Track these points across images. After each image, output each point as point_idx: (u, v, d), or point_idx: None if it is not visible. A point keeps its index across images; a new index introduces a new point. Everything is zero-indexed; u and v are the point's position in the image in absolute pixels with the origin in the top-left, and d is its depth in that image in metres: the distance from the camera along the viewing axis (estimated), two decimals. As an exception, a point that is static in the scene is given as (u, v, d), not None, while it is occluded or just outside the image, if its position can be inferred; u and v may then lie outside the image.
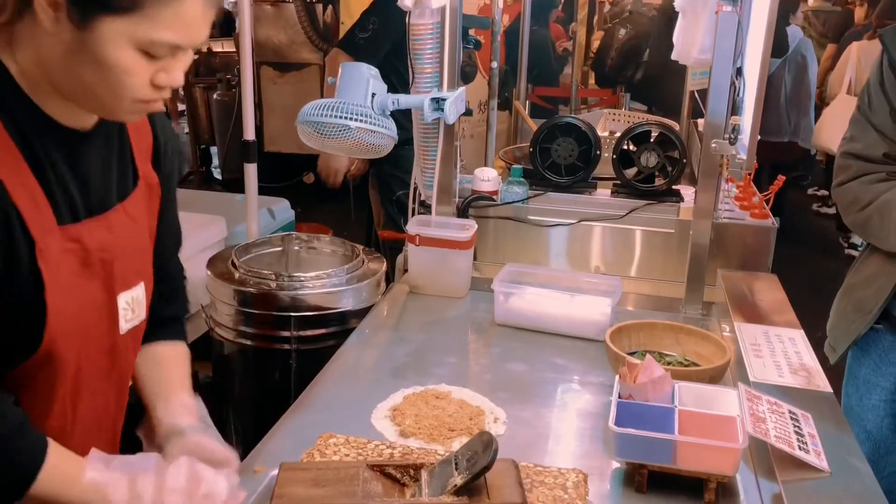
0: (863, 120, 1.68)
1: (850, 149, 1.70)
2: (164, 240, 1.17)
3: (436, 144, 1.96)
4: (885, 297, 1.66)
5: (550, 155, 2.09)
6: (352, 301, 1.98)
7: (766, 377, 1.41)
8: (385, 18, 2.76)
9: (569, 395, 1.47)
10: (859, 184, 1.66)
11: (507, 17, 3.95)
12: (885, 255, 1.67)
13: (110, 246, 1.02)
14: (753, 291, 1.82)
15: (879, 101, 1.63)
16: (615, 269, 2.03)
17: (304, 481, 0.99)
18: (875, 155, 1.65)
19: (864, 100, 1.68)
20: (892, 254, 1.64)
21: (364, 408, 1.36)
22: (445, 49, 1.89)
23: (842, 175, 1.71)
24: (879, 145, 1.64)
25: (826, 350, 1.81)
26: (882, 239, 1.65)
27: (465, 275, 1.92)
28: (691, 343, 1.56)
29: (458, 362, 1.60)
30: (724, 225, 1.95)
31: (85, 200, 1.00)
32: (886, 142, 1.63)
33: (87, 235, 0.99)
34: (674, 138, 2.01)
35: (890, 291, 1.65)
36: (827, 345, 1.83)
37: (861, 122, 1.68)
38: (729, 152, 1.75)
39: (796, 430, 1.19)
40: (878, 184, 1.64)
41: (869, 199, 1.64)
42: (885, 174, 1.64)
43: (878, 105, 1.64)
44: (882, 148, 1.64)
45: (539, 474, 1.12)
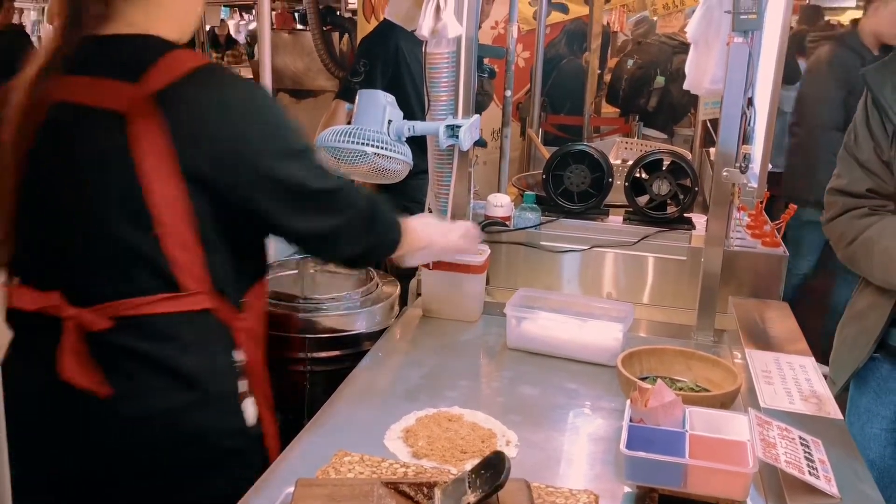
0: (849, 157, 1.72)
1: (837, 185, 1.75)
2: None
3: (450, 171, 1.99)
4: (881, 328, 1.68)
5: (563, 182, 2.12)
6: (365, 324, 2.00)
7: (777, 404, 1.41)
8: (373, 59, 2.83)
9: (580, 419, 1.48)
10: (846, 219, 1.71)
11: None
12: (878, 286, 1.69)
13: None
14: (764, 319, 1.83)
15: (864, 139, 1.69)
16: (627, 296, 2.04)
17: (320, 497, 1.01)
18: (859, 190, 1.69)
19: (850, 137, 1.73)
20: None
21: (377, 429, 1.38)
22: (461, 77, 1.93)
23: (830, 211, 1.76)
24: (864, 181, 1.69)
25: (827, 384, 1.82)
26: (868, 274, 1.69)
27: (478, 299, 1.94)
28: (702, 369, 1.57)
29: (471, 385, 1.61)
30: (736, 253, 1.96)
31: None
32: (871, 177, 1.68)
33: None
34: (686, 167, 2.04)
35: (885, 321, 1.67)
36: (828, 379, 1.83)
37: (847, 159, 1.73)
38: (740, 181, 1.77)
39: (806, 456, 1.20)
40: (863, 219, 1.68)
41: (854, 236, 1.68)
42: (868, 209, 1.68)
43: (863, 142, 1.69)
44: (866, 183, 1.68)
45: (550, 494, 1.14)
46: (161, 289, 1.21)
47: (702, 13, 2.14)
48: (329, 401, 1.48)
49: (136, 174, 1.16)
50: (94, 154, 1.19)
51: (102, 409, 1.21)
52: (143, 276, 1.20)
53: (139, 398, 1.22)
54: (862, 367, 1.74)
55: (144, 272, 1.20)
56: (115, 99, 1.17)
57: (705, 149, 3.30)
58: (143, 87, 1.16)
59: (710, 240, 1.82)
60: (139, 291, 1.20)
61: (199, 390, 1.24)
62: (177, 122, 1.16)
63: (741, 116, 1.73)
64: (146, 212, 1.18)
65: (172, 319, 1.22)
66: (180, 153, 1.17)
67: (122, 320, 1.20)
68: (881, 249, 1.63)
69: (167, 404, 1.23)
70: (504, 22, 4.12)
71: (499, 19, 4.29)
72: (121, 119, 1.16)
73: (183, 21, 1.31)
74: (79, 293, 1.21)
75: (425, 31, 1.85)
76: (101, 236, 1.20)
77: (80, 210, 1.21)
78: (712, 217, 1.81)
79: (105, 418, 1.22)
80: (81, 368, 1.19)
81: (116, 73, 1.19)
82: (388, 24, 2.89)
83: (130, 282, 1.20)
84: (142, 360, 1.21)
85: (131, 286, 1.20)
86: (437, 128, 1.88)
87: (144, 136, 1.16)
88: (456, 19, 1.84)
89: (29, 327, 1.26)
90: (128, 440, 1.23)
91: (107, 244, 1.20)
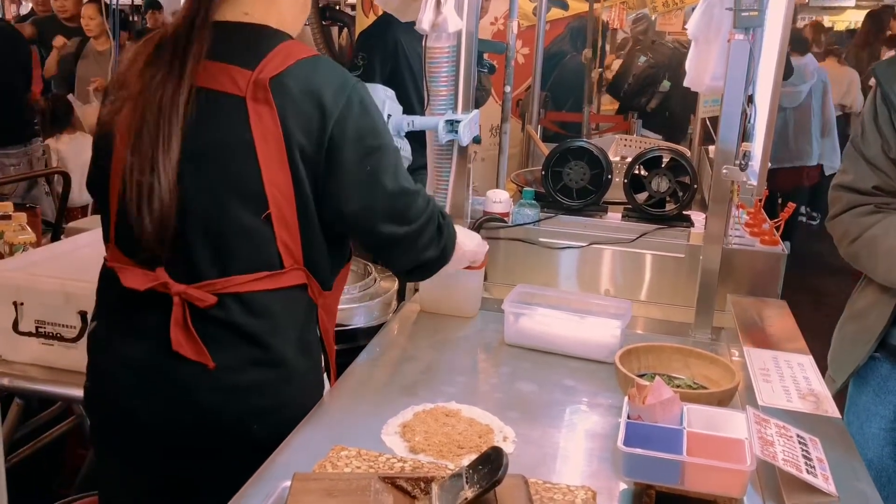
0: (855, 153, 1.70)
1: (842, 181, 1.73)
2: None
3: (449, 166, 1.98)
4: (883, 326, 1.68)
5: (562, 178, 2.11)
6: (363, 319, 2.00)
7: (775, 402, 1.41)
8: (371, 53, 2.82)
9: (577, 415, 1.48)
10: (850, 217, 1.69)
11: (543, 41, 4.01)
12: (880, 284, 1.68)
13: None
14: (763, 317, 1.83)
15: (872, 134, 1.66)
16: (625, 293, 2.04)
17: (317, 492, 1.01)
18: (865, 187, 1.67)
19: (857, 132, 1.71)
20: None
21: (374, 424, 1.37)
22: (461, 72, 1.92)
23: (834, 208, 1.75)
24: (870, 178, 1.67)
25: (826, 381, 1.81)
26: (871, 272, 1.68)
27: (476, 295, 1.94)
28: (700, 366, 1.57)
29: (468, 381, 1.61)
30: (734, 251, 1.96)
31: None
32: (877, 174, 1.66)
33: None
34: (685, 164, 2.03)
35: (887, 320, 1.67)
36: (827, 376, 1.83)
37: (853, 154, 1.71)
38: (739, 178, 1.77)
39: (804, 454, 1.20)
40: (867, 217, 1.66)
41: (858, 233, 1.67)
42: (873, 206, 1.67)
43: (870, 138, 1.67)
44: (872, 180, 1.66)
45: (548, 490, 1.13)
46: (264, 267, 1.29)
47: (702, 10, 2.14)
48: (326, 395, 1.47)
49: (256, 156, 1.24)
50: (218, 137, 1.26)
51: (206, 379, 1.28)
52: (251, 255, 1.29)
53: (238, 371, 1.30)
54: (862, 365, 1.74)
55: (252, 250, 1.28)
56: (236, 84, 1.25)
57: (704, 146, 3.29)
58: (259, 74, 1.24)
59: (709, 237, 1.82)
60: (244, 269, 1.28)
61: (290, 365, 1.34)
62: (286, 108, 1.24)
63: (741, 114, 1.73)
64: (262, 193, 1.25)
65: (271, 296, 1.31)
66: (287, 136, 1.24)
67: (226, 297, 1.28)
68: (886, 248, 1.62)
69: (262, 377, 1.32)
70: (504, 18, 4.11)
71: (499, 15, 4.29)
72: (241, 103, 1.24)
73: (291, 12, 1.38)
74: (185, 271, 1.28)
75: (426, 24, 1.84)
76: (217, 217, 1.27)
77: (199, 191, 1.26)
78: (711, 215, 1.81)
79: (208, 388, 1.29)
80: (190, 342, 1.27)
81: (236, 59, 1.27)
82: (387, 18, 2.88)
83: (238, 260, 1.28)
84: (242, 335, 1.30)
85: (238, 264, 1.28)
86: (436, 123, 1.87)
87: (261, 119, 1.24)
88: (456, 13, 1.84)
89: (134, 304, 1.30)
90: (225, 409, 1.30)
91: (221, 224, 1.27)
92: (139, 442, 1.35)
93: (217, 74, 1.26)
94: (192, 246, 1.27)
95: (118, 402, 1.35)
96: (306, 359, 1.38)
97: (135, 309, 1.32)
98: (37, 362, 1.88)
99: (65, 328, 1.84)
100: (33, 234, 2.33)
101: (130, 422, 1.34)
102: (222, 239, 1.28)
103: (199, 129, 1.25)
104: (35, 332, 1.85)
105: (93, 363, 1.40)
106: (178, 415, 1.31)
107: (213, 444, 1.32)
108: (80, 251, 2.10)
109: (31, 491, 2.11)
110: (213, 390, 1.30)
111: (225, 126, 1.25)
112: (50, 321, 1.84)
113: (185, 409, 1.30)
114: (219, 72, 1.26)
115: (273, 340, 1.32)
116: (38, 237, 2.47)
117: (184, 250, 1.27)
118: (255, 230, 1.27)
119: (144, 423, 1.33)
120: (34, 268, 1.95)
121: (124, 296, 1.31)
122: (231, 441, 1.31)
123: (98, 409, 1.41)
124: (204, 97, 1.25)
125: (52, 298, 1.83)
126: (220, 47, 1.27)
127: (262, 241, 1.28)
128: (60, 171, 3.78)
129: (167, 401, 1.31)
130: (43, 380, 1.86)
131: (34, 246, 2.29)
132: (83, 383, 1.44)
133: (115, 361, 1.34)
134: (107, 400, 1.37)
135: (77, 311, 1.81)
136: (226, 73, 1.25)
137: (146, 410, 1.32)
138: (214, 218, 1.27)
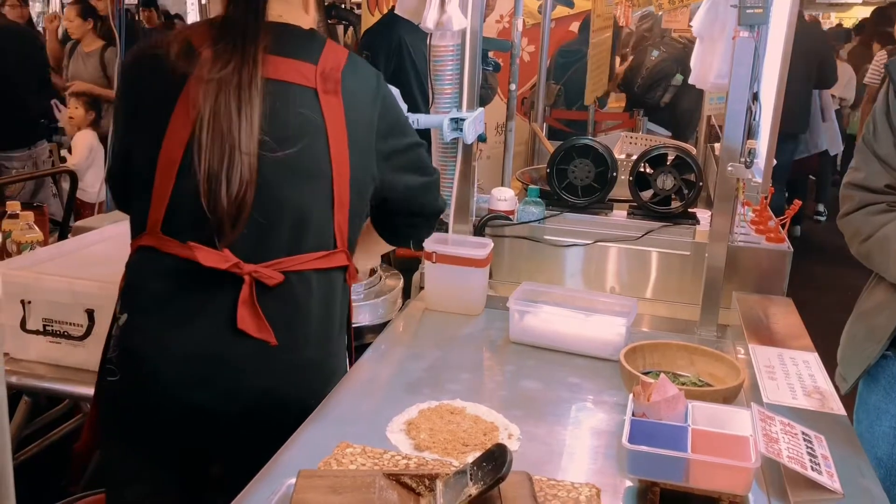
0: (867, 150, 1.67)
1: (853, 179, 1.69)
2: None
3: (454, 164, 1.99)
4: (894, 326, 1.66)
5: (567, 176, 2.12)
6: (369, 317, 2.01)
7: (780, 399, 1.41)
8: (375, 51, 2.82)
9: (583, 413, 1.48)
10: (862, 215, 1.66)
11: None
12: (891, 283, 1.67)
13: None
14: (768, 315, 1.83)
15: (885, 132, 1.63)
16: (630, 291, 2.04)
17: (322, 488, 1.01)
18: (877, 186, 1.64)
19: (868, 130, 1.68)
20: None
21: (379, 421, 1.38)
22: (465, 70, 1.93)
23: (845, 206, 1.71)
24: (882, 176, 1.63)
25: (837, 380, 1.80)
26: (884, 271, 1.65)
27: (481, 293, 1.94)
28: (705, 364, 1.56)
29: (473, 379, 1.61)
30: (740, 248, 1.96)
31: None
32: (890, 173, 1.62)
33: None
34: (690, 161, 2.03)
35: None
36: (838, 374, 1.82)
37: (865, 152, 1.67)
38: (745, 176, 1.77)
39: (809, 451, 1.20)
40: (880, 215, 1.63)
41: (870, 232, 1.64)
42: (885, 205, 1.64)
43: (883, 135, 1.63)
44: (885, 179, 1.63)
45: (552, 487, 1.14)
46: (322, 247, 1.38)
47: (707, 8, 2.14)
48: (332, 393, 1.48)
49: (327, 141, 1.35)
50: (293, 122, 1.34)
51: (265, 359, 1.34)
52: (315, 235, 1.37)
53: (297, 349, 1.37)
54: (873, 364, 1.73)
55: (316, 230, 1.37)
56: (304, 76, 1.35)
57: (710, 144, 3.28)
58: (324, 68, 1.36)
59: (714, 235, 1.81)
60: (309, 248, 1.36)
61: (335, 340, 1.45)
62: (347, 99, 1.37)
63: (747, 111, 1.73)
64: (329, 176, 1.35)
65: (325, 276, 1.39)
66: (350, 126, 1.37)
67: (288, 275, 1.34)
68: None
69: (316, 354, 1.40)
70: (509, 16, 4.10)
71: (504, 13, 4.28)
72: (313, 93, 1.35)
73: (313, 16, 1.47)
74: (250, 249, 1.32)
75: (430, 23, 1.85)
76: (289, 197, 1.34)
77: (275, 173, 1.32)
78: (716, 212, 1.81)
79: (268, 368, 1.34)
80: (256, 320, 1.32)
81: (297, 54, 1.37)
82: (391, 17, 2.88)
83: (305, 239, 1.36)
84: (302, 313, 1.37)
85: (305, 243, 1.36)
86: (441, 121, 1.87)
87: (331, 108, 1.35)
88: (461, 12, 1.84)
89: (185, 288, 1.34)
90: (283, 384, 1.37)
91: (293, 203, 1.34)
92: (181, 431, 1.36)
93: (282, 67, 1.34)
94: (263, 225, 1.32)
95: (167, 391, 1.34)
96: (344, 338, 1.50)
97: (189, 292, 1.33)
98: (44, 360, 1.89)
99: (72, 326, 1.85)
100: (41, 233, 2.34)
101: (179, 409, 1.34)
102: (294, 218, 1.34)
103: (275, 116, 1.32)
104: (42, 330, 1.87)
105: (132, 354, 1.36)
106: (236, 397, 1.34)
107: (272, 423, 1.34)
108: (87, 249, 2.11)
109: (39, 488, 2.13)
110: (272, 371, 1.34)
111: (299, 113, 1.34)
112: (57, 319, 1.85)
113: (242, 391, 1.34)
114: (283, 65, 1.34)
115: (326, 319, 1.41)
116: (46, 236, 2.47)
117: (254, 229, 1.31)
118: (321, 211, 1.37)
119: (200, 408, 1.33)
120: (41, 266, 1.96)
121: (171, 280, 1.33)
122: (291, 420, 1.34)
123: (134, 401, 1.38)
124: (273, 87, 1.32)
125: (60, 297, 1.84)
126: (274, 42, 1.35)
127: (325, 222, 1.37)
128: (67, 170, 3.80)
129: (226, 383, 1.33)
130: (50, 378, 1.87)
131: (41, 244, 2.30)
132: (93, 381, 1.44)
133: (166, 349, 1.33)
134: (151, 390, 1.35)
135: (84, 310, 1.82)
136: (291, 66, 1.35)
137: (204, 395, 1.33)
138: (287, 198, 1.33)
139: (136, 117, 1.41)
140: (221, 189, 1.27)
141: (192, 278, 1.31)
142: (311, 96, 1.35)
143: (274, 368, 1.35)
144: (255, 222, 1.31)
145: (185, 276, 1.32)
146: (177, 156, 1.31)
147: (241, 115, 1.28)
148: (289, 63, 1.35)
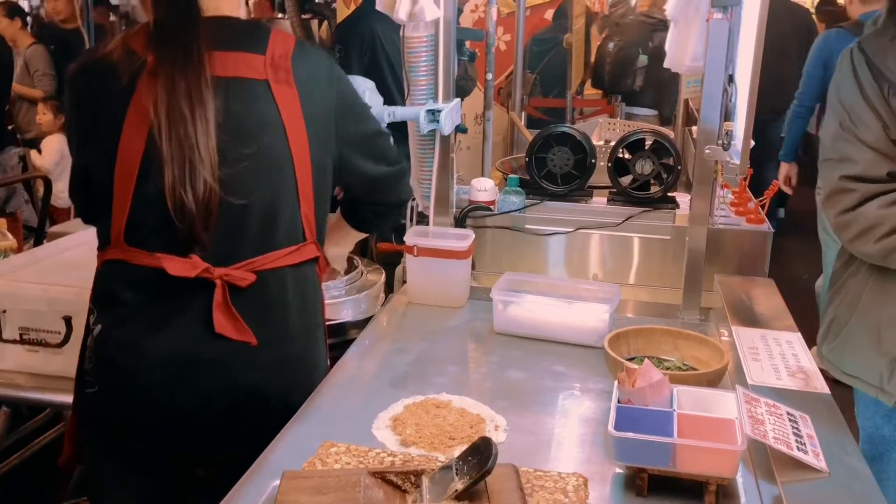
0: (852, 138, 1.51)
1: (848, 172, 1.51)
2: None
3: (432, 155, 1.97)
4: None
5: (546, 164, 2.11)
6: (351, 312, 1.99)
7: (764, 380, 1.41)
8: (348, 44, 2.80)
9: (569, 401, 1.48)
10: (876, 208, 1.48)
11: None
12: None
13: None
14: (750, 296, 1.83)
15: (868, 118, 1.49)
16: (613, 277, 2.04)
17: (307, 489, 1.00)
18: (879, 175, 1.48)
19: (843, 117, 1.52)
20: None
21: (365, 417, 1.36)
22: (440, 61, 1.91)
23: (844, 202, 1.52)
24: (880, 164, 1.48)
25: (883, 397, 1.59)
26: None
27: (464, 284, 1.93)
28: (689, 348, 1.57)
29: (458, 371, 1.60)
30: (720, 231, 1.96)
31: None
32: (887, 160, 1.48)
33: None
34: (668, 146, 2.03)
35: None
36: (876, 390, 1.59)
37: (850, 140, 1.51)
38: (723, 158, 1.77)
39: (794, 432, 1.20)
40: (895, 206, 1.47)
41: (892, 226, 1.46)
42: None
43: (867, 120, 1.49)
44: (884, 167, 1.48)
45: (539, 479, 1.13)
46: (292, 241, 1.37)
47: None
48: (316, 390, 1.46)
49: (285, 133, 1.32)
50: (248, 119, 1.31)
51: (246, 358, 1.33)
52: (283, 230, 1.35)
53: (278, 345, 1.37)
54: None
55: (284, 226, 1.35)
56: (253, 69, 1.32)
57: (687, 127, 3.29)
58: (272, 58, 1.32)
59: (695, 218, 1.81)
60: (279, 245, 1.35)
61: (313, 335, 1.45)
62: (302, 87, 1.34)
63: (723, 93, 1.72)
64: (291, 168, 1.33)
65: (297, 270, 1.38)
66: (306, 114, 1.34)
67: (261, 274, 1.33)
68: None
69: (297, 348, 1.40)
70: (484, 5, 4.09)
71: (479, 2, 4.26)
72: (265, 85, 1.31)
73: (248, 7, 1.46)
74: (218, 252, 1.30)
75: (402, 14, 1.83)
76: (254, 194, 1.31)
77: (237, 171, 1.29)
78: (696, 195, 1.81)
79: (250, 367, 1.34)
80: (234, 323, 1.31)
81: (242, 46, 1.33)
82: (364, 9, 2.86)
83: (274, 236, 1.34)
84: (277, 310, 1.37)
85: (271, 241, 1.34)
86: (417, 113, 1.86)
87: (286, 99, 1.32)
88: (433, 2, 1.82)
89: (158, 295, 1.32)
90: (267, 385, 1.37)
91: (258, 201, 1.31)
92: (165, 436, 1.35)
93: (229, 62, 1.31)
94: (231, 225, 1.30)
95: (148, 395, 1.32)
96: (320, 331, 1.48)
97: (162, 300, 1.32)
98: (23, 369, 1.86)
99: (49, 334, 1.82)
100: (14, 240, 2.31)
101: (162, 414, 1.33)
102: (262, 216, 1.32)
103: (230, 114, 1.29)
104: (20, 339, 1.84)
105: (109, 364, 1.35)
106: (219, 397, 1.33)
107: (257, 420, 1.35)
108: (62, 255, 2.08)
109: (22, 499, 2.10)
110: (255, 368, 1.34)
111: (255, 109, 1.31)
112: (34, 327, 1.82)
113: (225, 391, 1.33)
114: (230, 59, 1.31)
115: (303, 312, 1.40)
116: (20, 243, 2.44)
117: (223, 231, 1.29)
118: (287, 205, 1.35)
119: (181, 410, 1.33)
120: (16, 274, 1.93)
121: (143, 290, 1.31)
122: (275, 415, 1.35)
123: (115, 410, 1.36)
124: (225, 84, 1.29)
125: (36, 304, 1.81)
126: (215, 37, 1.31)
127: (293, 215, 1.36)
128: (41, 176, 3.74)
129: (209, 385, 1.33)
130: (29, 387, 1.84)
131: (15, 252, 2.26)
132: (72, 388, 1.42)
133: (146, 356, 1.32)
134: (131, 398, 1.34)
135: (61, 317, 1.79)
136: (238, 60, 1.32)
137: (185, 398, 1.32)
138: (252, 196, 1.31)
139: (87, 130, 1.37)
140: (187, 195, 1.24)
141: (164, 286, 1.29)
142: (264, 88, 1.32)
143: (255, 366, 1.35)
144: (222, 224, 1.29)
145: (156, 285, 1.30)
146: (134, 165, 1.28)
147: (195, 117, 1.25)
148: (236, 56, 1.32)
